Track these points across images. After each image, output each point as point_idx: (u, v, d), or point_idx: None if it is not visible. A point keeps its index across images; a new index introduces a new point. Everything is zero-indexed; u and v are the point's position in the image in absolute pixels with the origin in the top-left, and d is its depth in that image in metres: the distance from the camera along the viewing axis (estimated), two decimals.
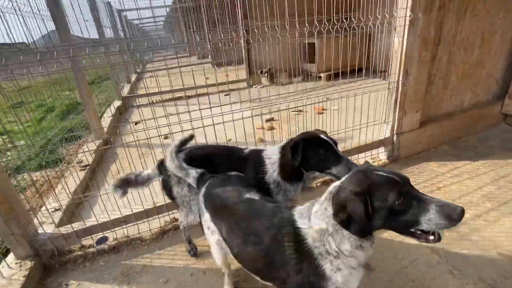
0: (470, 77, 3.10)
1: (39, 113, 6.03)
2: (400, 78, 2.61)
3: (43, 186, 3.07)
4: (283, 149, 1.70)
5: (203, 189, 1.53)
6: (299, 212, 1.17)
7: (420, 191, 1.05)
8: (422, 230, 1.03)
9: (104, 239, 2.30)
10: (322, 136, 1.63)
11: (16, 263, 1.97)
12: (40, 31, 3.15)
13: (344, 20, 2.43)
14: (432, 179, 2.63)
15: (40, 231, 2.10)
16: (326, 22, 2.36)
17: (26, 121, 4.19)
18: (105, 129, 4.45)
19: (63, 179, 3.13)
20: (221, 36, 2.21)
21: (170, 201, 2.06)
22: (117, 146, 3.55)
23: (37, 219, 2.19)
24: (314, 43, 6.64)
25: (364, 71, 2.89)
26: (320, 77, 6.96)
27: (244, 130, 2.54)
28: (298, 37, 2.46)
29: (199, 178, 1.61)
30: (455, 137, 3.25)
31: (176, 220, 2.40)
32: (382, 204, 0.99)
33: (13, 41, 2.60)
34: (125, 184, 1.81)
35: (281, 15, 2.59)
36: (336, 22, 2.40)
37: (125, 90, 7.20)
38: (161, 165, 1.84)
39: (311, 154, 1.59)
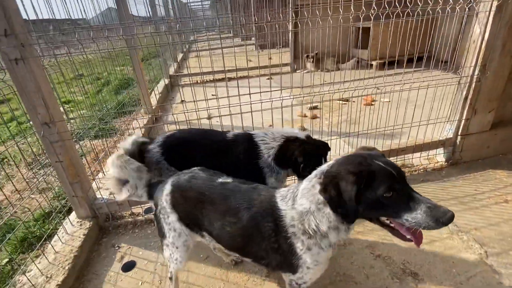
0: None
1: (96, 86, 6.53)
2: (476, 73, 2.29)
3: (100, 154, 3.34)
4: (290, 145, 1.72)
5: (167, 187, 1.40)
6: (281, 195, 1.21)
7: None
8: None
9: (151, 209, 2.46)
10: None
11: (77, 222, 2.20)
12: (107, 6, 3.33)
13: (408, 4, 2.15)
14: (499, 189, 2.33)
15: (97, 195, 2.31)
16: (386, 6, 2.11)
17: (86, 92, 4.55)
18: (154, 106, 4.67)
19: (117, 149, 3.38)
20: (267, 18, 2.09)
21: None
22: (164, 122, 3.72)
23: (96, 184, 2.39)
24: (367, 28, 6.14)
25: (426, 61, 2.58)
26: (371, 65, 6.49)
27: (292, 117, 2.47)
28: (351, 21, 2.23)
29: (150, 187, 1.51)
30: None
31: None
32: (371, 193, 0.99)
33: (82, 17, 2.80)
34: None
35: None
36: (397, 5, 2.13)
37: (172, 69, 7.46)
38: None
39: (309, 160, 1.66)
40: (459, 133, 2.57)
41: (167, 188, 1.41)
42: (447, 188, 2.41)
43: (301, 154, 1.68)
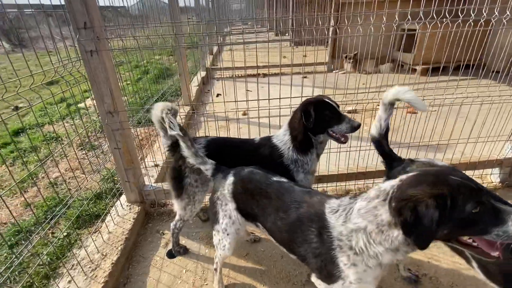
0: None
1: (136, 73, 6.79)
2: None
3: (148, 142, 3.50)
4: (292, 120, 1.81)
5: (230, 177, 1.53)
6: (331, 207, 1.21)
7: None
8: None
9: None
10: (326, 99, 1.75)
11: (127, 205, 2.33)
12: None
13: (459, 14, 1.99)
14: None
15: (146, 182, 2.43)
16: (434, 16, 1.96)
17: (126, 80, 4.76)
18: (193, 97, 4.79)
19: (159, 137, 3.53)
20: (306, 13, 2.03)
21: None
22: (203, 114, 3.80)
23: (146, 170, 2.51)
24: (413, 30, 5.82)
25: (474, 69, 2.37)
26: (414, 70, 6.17)
27: None
28: (397, 21, 2.07)
29: (216, 168, 1.61)
30: None
31: None
32: (456, 213, 0.91)
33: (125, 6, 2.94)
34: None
35: None
36: (447, 15, 1.98)
37: (207, 61, 7.57)
38: (176, 151, 1.79)
39: (319, 115, 1.72)
40: None
41: (230, 178, 1.53)
42: None
43: (302, 111, 1.71)
